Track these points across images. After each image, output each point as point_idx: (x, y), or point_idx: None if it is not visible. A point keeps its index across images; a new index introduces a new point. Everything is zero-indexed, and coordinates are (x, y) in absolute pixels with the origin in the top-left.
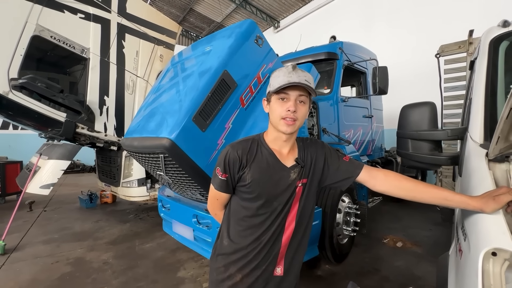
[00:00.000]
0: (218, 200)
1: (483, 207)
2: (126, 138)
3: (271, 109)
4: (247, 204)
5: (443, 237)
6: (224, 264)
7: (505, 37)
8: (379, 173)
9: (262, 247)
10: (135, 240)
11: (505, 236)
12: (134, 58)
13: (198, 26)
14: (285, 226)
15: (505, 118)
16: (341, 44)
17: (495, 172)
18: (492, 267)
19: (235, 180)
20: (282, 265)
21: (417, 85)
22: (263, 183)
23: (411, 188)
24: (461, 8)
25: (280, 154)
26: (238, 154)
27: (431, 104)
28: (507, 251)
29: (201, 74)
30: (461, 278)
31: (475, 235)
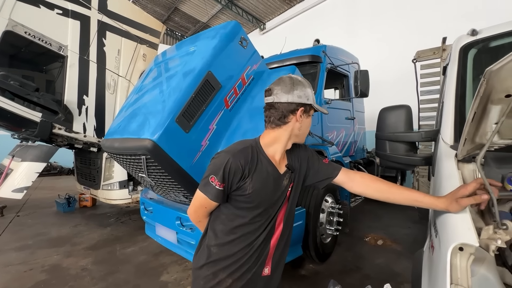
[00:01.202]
0: (206, 208)
1: (448, 208)
2: (107, 139)
3: (306, 123)
4: (244, 213)
5: (421, 234)
6: (213, 271)
7: (473, 45)
8: (356, 175)
9: (253, 252)
10: (116, 244)
11: (471, 232)
12: (115, 57)
13: (183, 26)
14: (275, 228)
15: (470, 121)
16: (325, 47)
17: (463, 172)
18: (459, 262)
19: (232, 189)
20: (270, 265)
21: (396, 89)
22: (264, 193)
23: (385, 190)
24: (436, 16)
25: (275, 161)
26: (241, 164)
27: (406, 107)
28: (472, 246)
29: (185, 75)
30: (433, 272)
31: (444, 232)
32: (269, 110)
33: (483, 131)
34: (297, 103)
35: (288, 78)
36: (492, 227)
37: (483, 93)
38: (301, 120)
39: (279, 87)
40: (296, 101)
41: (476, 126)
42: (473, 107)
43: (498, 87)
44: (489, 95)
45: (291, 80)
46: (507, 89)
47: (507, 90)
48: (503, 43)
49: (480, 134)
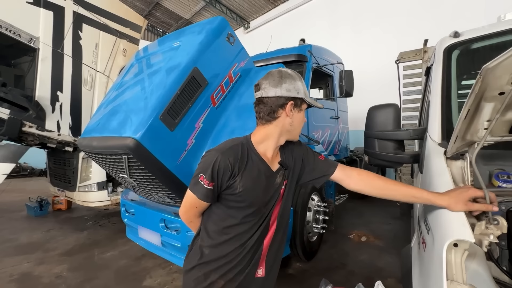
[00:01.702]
0: (197, 208)
1: (450, 206)
2: (84, 137)
3: (297, 118)
4: (235, 212)
5: (401, 230)
6: (204, 272)
7: (456, 46)
8: (353, 172)
9: (246, 252)
10: (94, 249)
11: (466, 229)
12: (93, 51)
13: (165, 22)
14: (269, 227)
15: (463, 119)
16: (310, 47)
17: (452, 169)
18: (454, 257)
19: (222, 188)
20: (264, 266)
21: (377, 89)
22: (255, 191)
23: (382, 187)
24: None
25: (267, 158)
26: (230, 162)
27: (395, 106)
28: (466, 242)
29: (169, 71)
30: (425, 268)
31: (438, 228)
32: (258, 105)
33: (475, 129)
34: (286, 97)
35: (276, 72)
36: (484, 223)
37: (478, 90)
38: (292, 115)
39: (267, 81)
40: (284, 94)
41: (468, 123)
42: (467, 104)
43: (492, 85)
44: (483, 93)
45: (279, 73)
46: (501, 87)
47: (501, 87)
48: (484, 45)
49: (472, 131)
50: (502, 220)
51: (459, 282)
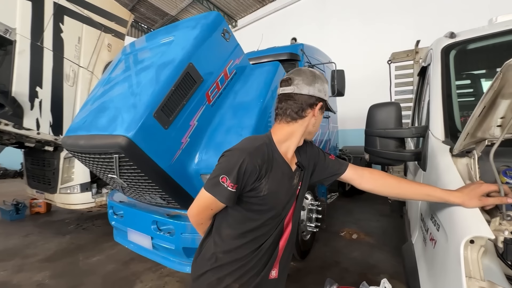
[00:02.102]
0: (212, 210)
1: (465, 203)
2: (68, 136)
3: (319, 120)
4: (255, 215)
5: (390, 226)
6: (218, 277)
7: (453, 47)
8: (365, 172)
9: (262, 254)
10: (78, 254)
11: (483, 225)
12: (75, 45)
13: (149, 18)
14: (284, 229)
15: (477, 116)
16: (302, 45)
17: (457, 166)
18: (470, 254)
19: (245, 190)
20: (278, 267)
21: (365, 89)
22: (278, 194)
23: (396, 186)
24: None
25: (287, 158)
26: (258, 164)
27: (396, 105)
28: (483, 238)
29: (163, 66)
30: (438, 265)
31: (453, 225)
32: (286, 101)
33: (487, 126)
34: (317, 97)
35: (308, 70)
36: (498, 219)
37: (497, 87)
38: (317, 115)
39: (300, 78)
40: (316, 94)
41: (480, 120)
42: (483, 101)
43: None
44: (500, 90)
45: (312, 72)
46: None
47: None
48: (478, 46)
49: (484, 128)
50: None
51: (477, 278)
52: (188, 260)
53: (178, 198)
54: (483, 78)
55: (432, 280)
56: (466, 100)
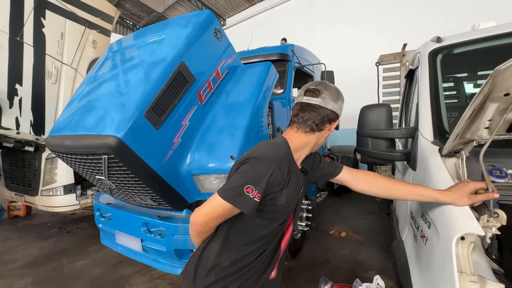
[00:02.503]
0: (225, 218)
1: (455, 202)
2: (53, 136)
3: (330, 133)
4: (268, 222)
5: (376, 224)
6: (223, 284)
7: (440, 51)
8: (360, 173)
9: (265, 258)
10: (62, 258)
11: (474, 222)
12: (58, 41)
13: (135, 14)
14: (285, 231)
15: (467, 119)
16: (292, 46)
17: (446, 166)
18: (461, 250)
19: (264, 199)
20: (277, 268)
21: (354, 90)
22: (292, 203)
23: (389, 187)
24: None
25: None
26: (285, 175)
27: (387, 106)
28: (473, 235)
29: (154, 65)
30: (430, 261)
31: (444, 223)
32: (310, 112)
33: (476, 128)
34: (337, 114)
35: (334, 86)
36: (486, 217)
37: (486, 91)
38: (331, 130)
39: (328, 92)
40: (337, 111)
41: (469, 122)
42: (473, 104)
43: (500, 86)
44: (489, 93)
45: (336, 89)
46: (507, 88)
47: (507, 89)
48: (464, 50)
49: (472, 130)
50: (502, 213)
51: (468, 273)
52: (179, 262)
53: (170, 200)
54: (468, 81)
55: (424, 276)
56: (453, 102)
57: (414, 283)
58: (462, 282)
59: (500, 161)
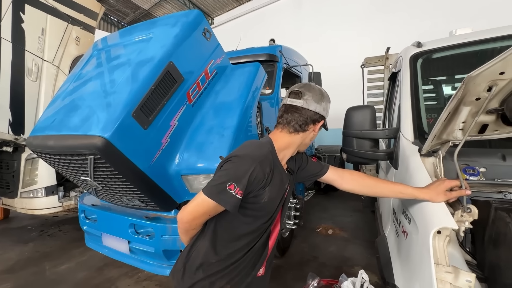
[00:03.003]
0: (210, 216)
1: (433, 199)
2: (35, 136)
3: (316, 134)
4: (251, 220)
5: (362, 221)
6: (210, 281)
7: (420, 55)
8: (345, 173)
9: (253, 255)
10: (44, 262)
11: (449, 217)
12: (38, 37)
13: (120, 11)
14: (272, 230)
15: (443, 121)
16: (281, 47)
17: (425, 165)
18: (438, 243)
19: (246, 197)
20: (265, 265)
21: (340, 91)
22: (276, 200)
23: (373, 186)
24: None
25: (283, 165)
26: (266, 172)
27: (371, 108)
28: (448, 229)
29: (142, 64)
30: (409, 254)
31: (422, 218)
32: (293, 113)
33: (451, 129)
34: (320, 115)
35: (317, 88)
36: (460, 212)
37: (460, 95)
38: (316, 131)
39: (311, 94)
40: (321, 112)
41: (445, 124)
42: (448, 108)
43: (472, 91)
44: (463, 98)
45: (320, 90)
46: (478, 93)
47: (478, 94)
48: (442, 55)
49: (448, 131)
50: (474, 209)
51: (443, 264)
52: (168, 262)
53: (158, 200)
54: (446, 84)
55: (405, 268)
56: (432, 103)
57: (396, 276)
58: (438, 273)
59: (473, 160)
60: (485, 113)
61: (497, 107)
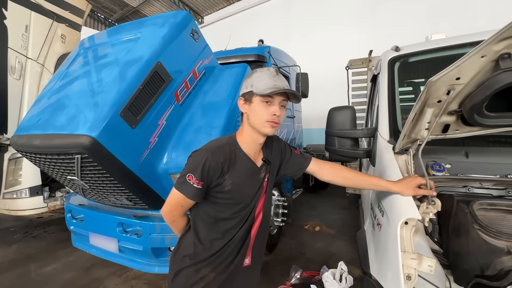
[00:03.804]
0: (183, 207)
1: (403, 192)
2: (20, 135)
3: (253, 111)
4: (224, 208)
5: (348, 218)
6: (195, 268)
7: (397, 59)
8: (326, 165)
9: (235, 244)
10: (29, 264)
11: (414, 209)
12: (22, 34)
13: (107, 8)
14: (254, 219)
15: (411, 121)
16: (269, 48)
17: (398, 161)
18: (405, 233)
19: (211, 186)
20: (250, 255)
21: (329, 91)
22: (242, 188)
23: (351, 177)
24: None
25: (251, 155)
26: (220, 161)
27: (351, 108)
28: (414, 219)
29: (130, 64)
30: (381, 244)
31: (393, 210)
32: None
33: (418, 129)
34: (240, 95)
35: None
36: (425, 204)
37: (424, 98)
38: (246, 109)
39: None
40: (241, 92)
41: (413, 124)
42: (414, 109)
43: (433, 94)
44: (426, 100)
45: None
46: (439, 96)
47: (439, 96)
48: (418, 59)
49: (416, 131)
50: (437, 201)
51: (409, 252)
52: (157, 260)
53: (147, 199)
54: (421, 86)
55: (378, 257)
56: (408, 105)
57: (371, 265)
58: (405, 260)
59: (440, 157)
60: (446, 114)
61: (456, 108)
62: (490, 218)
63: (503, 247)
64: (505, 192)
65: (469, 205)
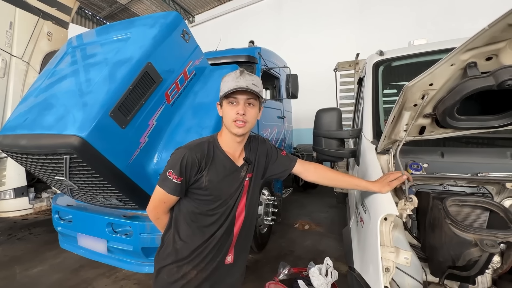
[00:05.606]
0: (166, 204)
1: (381, 190)
2: (5, 135)
3: (224, 113)
4: (203, 205)
5: (336, 216)
6: (177, 265)
7: (381, 63)
8: (311, 166)
9: (216, 242)
10: (14, 266)
11: (392, 206)
12: (6, 31)
13: (95, 4)
14: (236, 218)
15: (390, 123)
16: (259, 49)
17: (380, 161)
18: (384, 228)
19: (190, 182)
20: (233, 253)
21: (317, 92)
22: (220, 185)
23: (334, 178)
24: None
25: (231, 154)
26: (197, 157)
27: (338, 110)
28: (392, 215)
29: (119, 64)
30: (363, 239)
31: (373, 207)
32: None
33: (398, 130)
34: (220, 97)
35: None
36: (403, 201)
37: (401, 102)
38: (221, 112)
39: None
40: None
41: (393, 126)
42: (393, 112)
43: (410, 98)
44: (404, 104)
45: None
46: (415, 100)
47: (415, 101)
48: (401, 63)
49: (395, 132)
50: (414, 198)
51: (388, 246)
52: (147, 260)
53: (137, 199)
54: None
55: (361, 251)
56: (391, 107)
57: (355, 259)
58: (384, 253)
59: (418, 157)
60: (422, 117)
61: (430, 112)
62: (461, 213)
63: (471, 240)
64: (477, 190)
65: (442, 202)
